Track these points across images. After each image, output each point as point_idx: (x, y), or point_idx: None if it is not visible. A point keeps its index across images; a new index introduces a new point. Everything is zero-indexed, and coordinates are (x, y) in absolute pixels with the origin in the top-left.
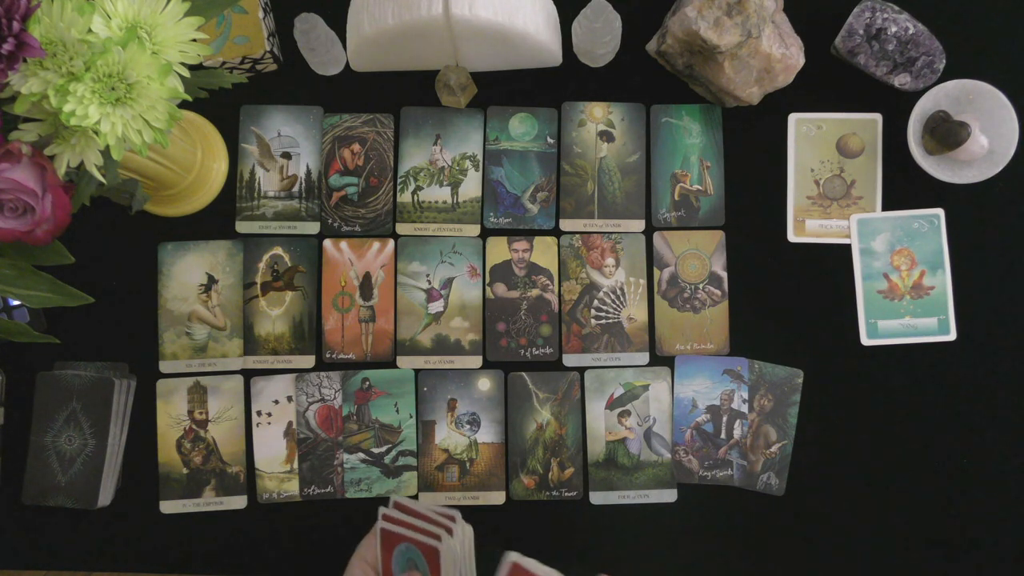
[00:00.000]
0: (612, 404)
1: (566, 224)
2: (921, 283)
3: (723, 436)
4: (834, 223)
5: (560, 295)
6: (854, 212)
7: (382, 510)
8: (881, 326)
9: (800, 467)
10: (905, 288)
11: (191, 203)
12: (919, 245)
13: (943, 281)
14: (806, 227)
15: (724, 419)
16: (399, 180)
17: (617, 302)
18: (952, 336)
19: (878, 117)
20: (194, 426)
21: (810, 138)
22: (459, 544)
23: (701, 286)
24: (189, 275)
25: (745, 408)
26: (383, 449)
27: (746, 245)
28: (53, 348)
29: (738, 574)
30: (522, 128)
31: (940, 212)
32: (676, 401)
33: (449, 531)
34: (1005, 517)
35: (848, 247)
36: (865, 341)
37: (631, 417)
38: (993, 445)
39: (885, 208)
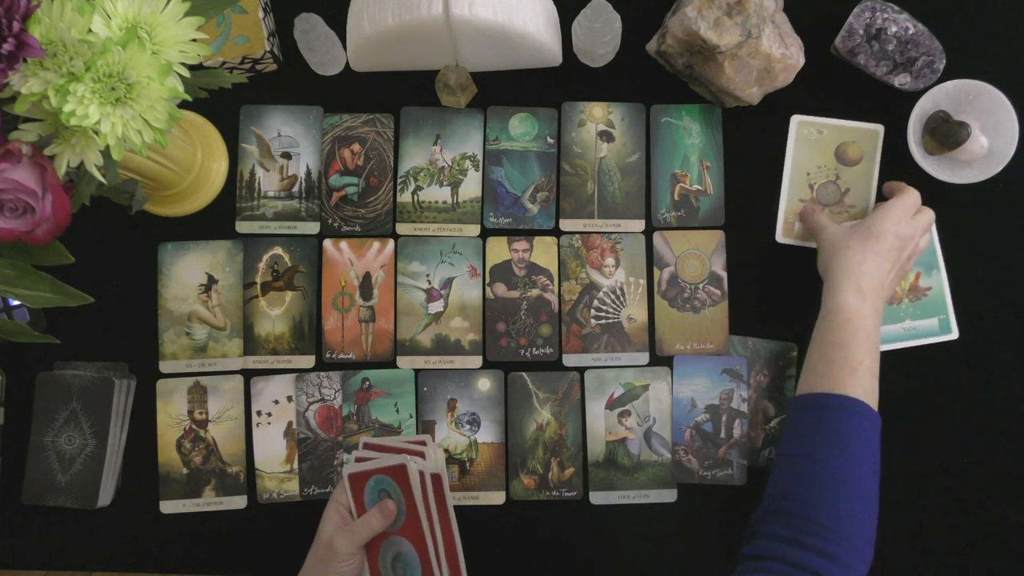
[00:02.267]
0: (612, 404)
1: (566, 224)
2: (918, 285)
3: (723, 436)
4: None
5: (560, 295)
6: (845, 220)
7: (355, 453)
8: (883, 332)
9: None
10: (903, 291)
11: (191, 203)
12: None
13: (939, 281)
14: (795, 229)
15: (724, 419)
16: (399, 180)
17: (617, 302)
18: (954, 335)
19: (880, 128)
20: (194, 426)
21: (810, 141)
22: (432, 463)
23: (701, 286)
24: (189, 275)
25: (745, 408)
26: None
27: (746, 245)
28: (53, 348)
29: None
30: (522, 128)
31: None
32: (676, 401)
33: (421, 455)
34: (1006, 517)
35: None
36: None
37: (631, 417)
38: (995, 444)
39: None
